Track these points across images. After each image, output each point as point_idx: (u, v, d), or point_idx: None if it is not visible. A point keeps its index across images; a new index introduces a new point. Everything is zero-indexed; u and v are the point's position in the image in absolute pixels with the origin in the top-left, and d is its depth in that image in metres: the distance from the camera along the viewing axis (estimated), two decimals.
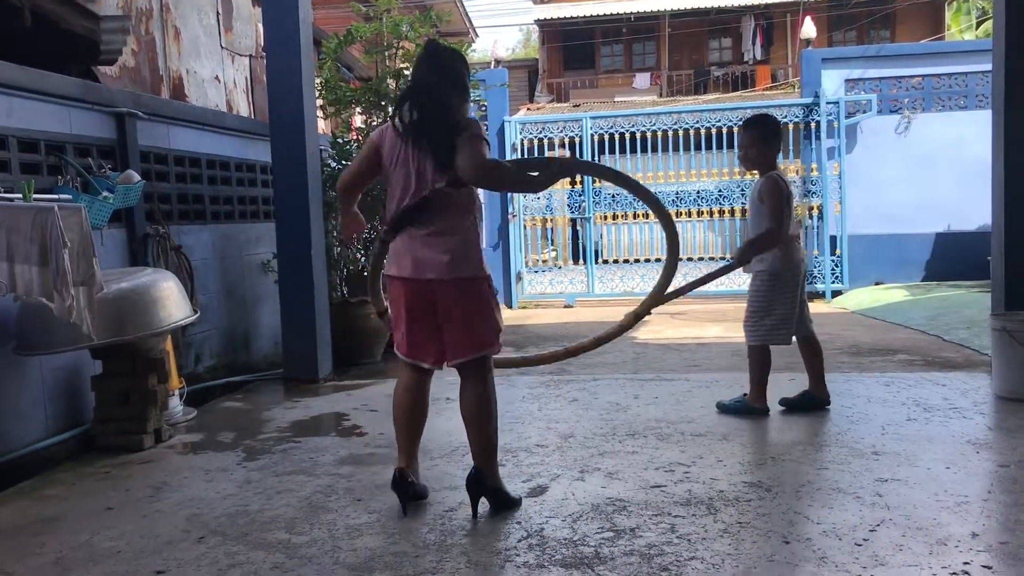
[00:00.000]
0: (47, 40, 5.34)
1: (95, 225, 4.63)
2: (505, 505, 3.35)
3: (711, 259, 11.36)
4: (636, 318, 4.08)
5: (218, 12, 7.93)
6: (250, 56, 8.48)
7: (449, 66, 3.37)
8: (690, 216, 11.38)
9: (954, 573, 2.63)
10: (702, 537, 3.00)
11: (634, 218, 11.59)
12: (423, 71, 3.36)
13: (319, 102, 7.38)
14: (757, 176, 4.87)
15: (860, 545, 2.87)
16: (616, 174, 4.18)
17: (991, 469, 3.70)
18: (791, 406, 4.85)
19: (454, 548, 2.99)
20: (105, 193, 4.74)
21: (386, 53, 7.76)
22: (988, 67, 6.10)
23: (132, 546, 3.14)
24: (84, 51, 5.69)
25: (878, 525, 3.04)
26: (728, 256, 4.94)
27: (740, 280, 10.09)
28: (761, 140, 4.80)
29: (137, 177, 5.03)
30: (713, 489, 3.51)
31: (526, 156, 11.53)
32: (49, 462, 4.31)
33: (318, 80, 7.42)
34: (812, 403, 4.84)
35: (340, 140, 7.45)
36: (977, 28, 18.87)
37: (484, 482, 3.28)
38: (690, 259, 11.37)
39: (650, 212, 11.12)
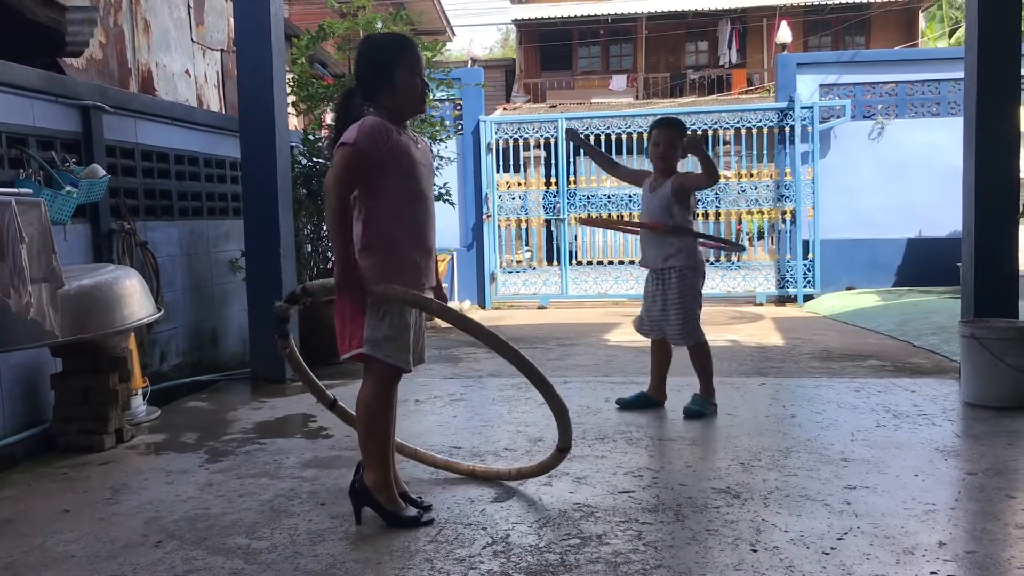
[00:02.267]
0: (10, 30, 5.22)
1: (58, 220, 4.53)
2: (386, 520, 3.20)
3: None
4: (561, 453, 3.66)
5: (189, 5, 7.82)
6: (222, 50, 8.37)
7: (362, 58, 3.27)
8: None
9: None
10: (669, 544, 2.97)
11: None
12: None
13: (291, 98, 7.30)
14: (657, 176, 4.96)
15: (827, 554, 2.85)
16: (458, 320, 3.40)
17: (959, 477, 3.70)
18: (626, 405, 5.05)
19: (418, 555, 2.93)
20: (68, 188, 4.64)
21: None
22: (961, 74, 6.14)
23: (87, 550, 3.06)
24: (49, 42, 5.57)
25: (846, 533, 3.02)
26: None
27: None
28: (680, 142, 4.89)
29: (102, 172, 4.92)
30: (682, 495, 3.48)
31: (500, 155, 11.50)
32: (6, 462, 4.20)
33: (290, 76, 7.34)
34: (648, 403, 5.05)
35: (311, 137, 7.37)
36: (950, 36, 19.06)
37: (358, 488, 3.22)
38: None
39: (624, 214, 11.18)
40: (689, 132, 5.03)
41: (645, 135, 10.95)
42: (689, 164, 5.70)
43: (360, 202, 3.15)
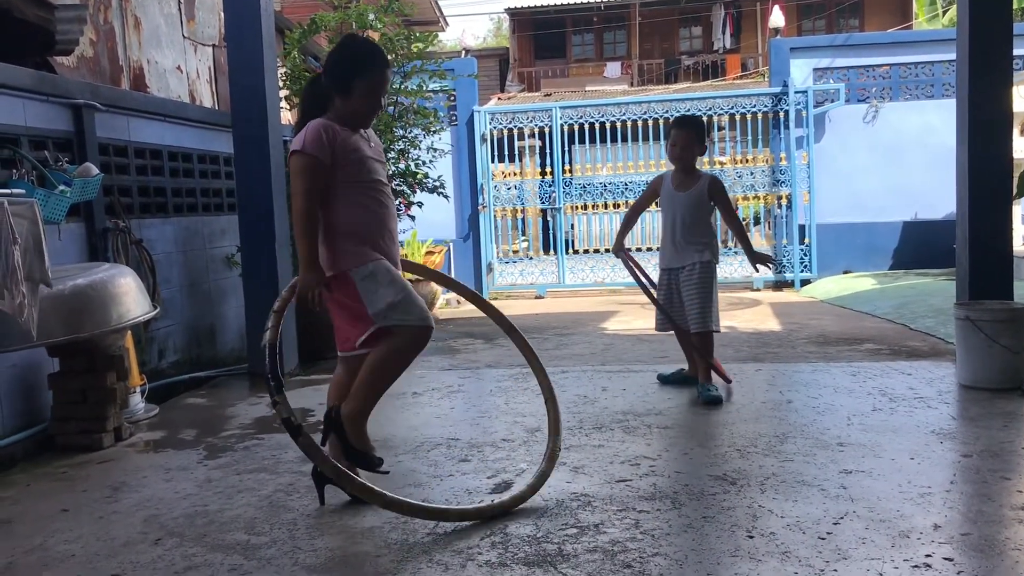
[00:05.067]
0: None
1: (52, 220, 4.53)
2: (347, 455, 3.29)
3: None
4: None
5: (179, 1, 7.79)
6: (213, 46, 8.34)
7: (335, 54, 3.34)
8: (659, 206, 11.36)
9: (916, 566, 2.63)
10: (666, 532, 2.98)
11: (604, 208, 11.58)
12: None
13: (284, 92, 7.28)
14: (677, 175, 5.16)
15: (823, 539, 2.86)
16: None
17: (954, 459, 3.71)
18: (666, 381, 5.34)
19: (416, 547, 2.95)
20: (62, 187, 4.63)
21: None
22: (954, 56, 6.12)
23: (87, 549, 3.07)
24: (39, 41, 5.55)
25: (842, 518, 3.03)
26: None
27: None
28: (697, 140, 5.06)
29: (95, 170, 4.92)
30: (678, 483, 3.50)
31: (495, 146, 11.48)
32: (5, 462, 4.21)
33: (282, 70, 7.32)
34: (687, 380, 5.25)
35: None
36: (943, 17, 19.00)
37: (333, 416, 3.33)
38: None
39: (620, 202, 11.19)
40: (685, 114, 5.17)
41: (640, 122, 11.05)
42: (707, 155, 5.73)
43: (323, 197, 3.25)
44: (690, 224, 5.06)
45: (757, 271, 5.41)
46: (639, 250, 11.58)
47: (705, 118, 11.06)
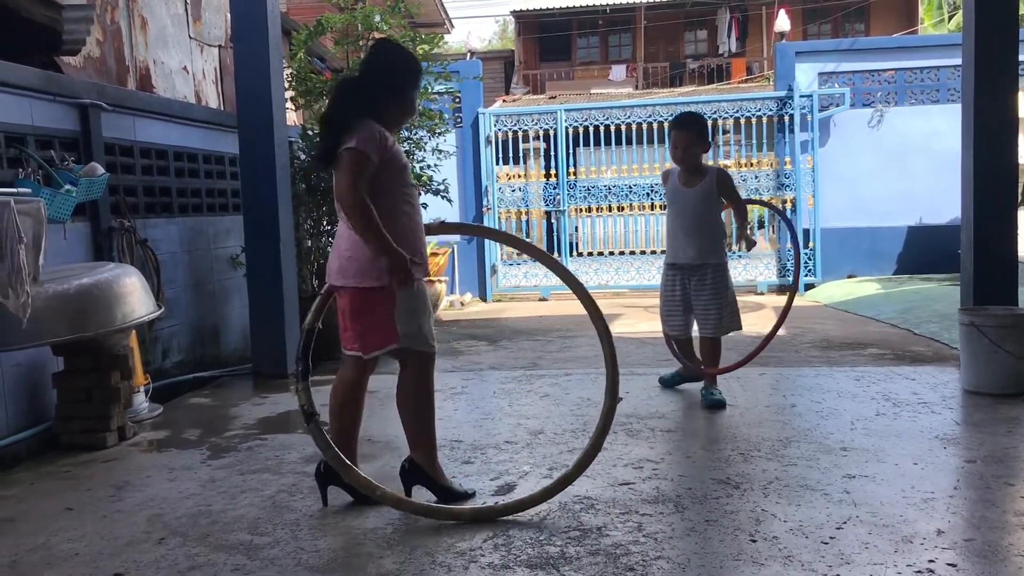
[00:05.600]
0: (7, 29, 5.22)
1: (58, 219, 4.55)
2: (438, 494, 3.39)
3: None
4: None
5: (186, 1, 7.80)
6: (220, 46, 8.36)
7: (382, 61, 3.40)
8: (664, 209, 11.37)
9: (919, 572, 2.63)
10: (669, 536, 2.98)
11: (609, 211, 11.58)
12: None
13: (289, 93, 7.29)
14: (681, 173, 5.06)
15: (826, 543, 2.86)
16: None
17: (958, 465, 3.71)
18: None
19: (418, 548, 2.95)
20: (68, 186, 4.64)
21: (360, 43, 7.67)
22: (959, 61, 6.12)
23: (90, 548, 3.08)
24: (46, 41, 5.57)
25: (845, 522, 3.03)
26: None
27: None
28: (699, 139, 4.96)
29: (101, 170, 4.93)
30: (681, 486, 3.50)
31: (500, 148, 11.49)
32: (9, 460, 4.22)
33: (288, 71, 7.33)
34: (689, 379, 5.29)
35: (310, 132, 7.36)
36: (949, 21, 18.99)
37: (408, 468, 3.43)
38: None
39: (625, 205, 11.19)
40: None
41: (645, 125, 11.05)
42: (711, 156, 5.74)
43: None
44: (699, 221, 4.96)
45: (740, 248, 5.36)
46: (643, 252, 11.59)
47: (710, 121, 11.03)
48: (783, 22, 14.14)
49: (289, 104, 7.21)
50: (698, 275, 4.96)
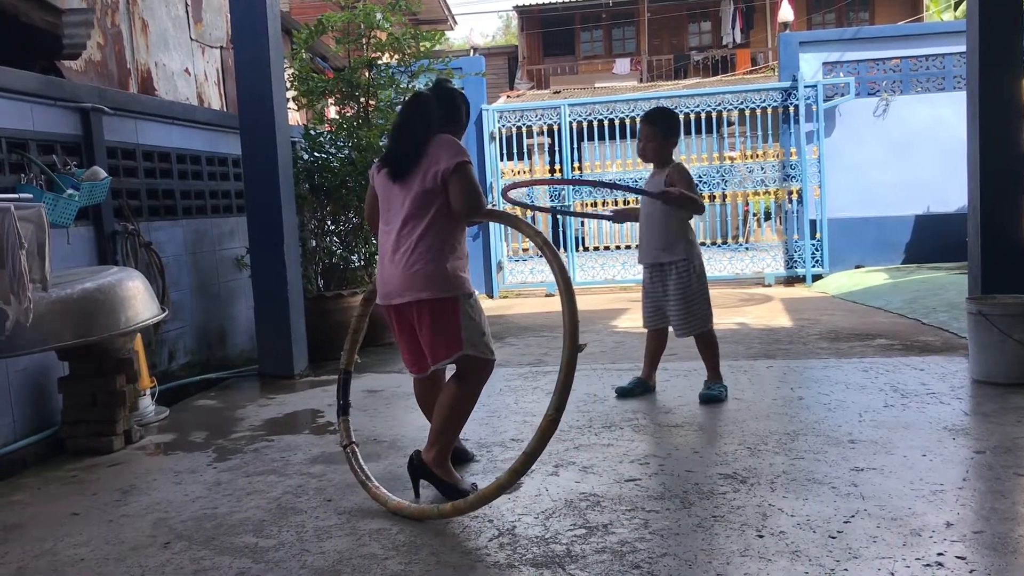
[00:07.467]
0: (6, 35, 5.22)
1: (61, 224, 4.55)
2: (444, 492, 3.37)
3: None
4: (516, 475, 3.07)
5: (187, 3, 7.80)
6: (221, 48, 8.36)
7: (456, 100, 3.64)
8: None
9: (928, 565, 2.60)
10: (675, 532, 2.96)
11: (614, 205, 11.54)
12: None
13: (291, 93, 7.28)
14: (652, 168, 5.02)
15: (834, 537, 2.84)
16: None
17: (967, 456, 3.68)
18: (625, 394, 5.05)
19: (424, 549, 2.94)
20: (70, 191, 4.65)
21: (362, 41, 7.66)
22: (964, 48, 6.07)
23: (96, 553, 3.08)
24: (47, 45, 5.57)
25: (853, 516, 3.01)
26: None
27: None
28: (662, 135, 4.88)
29: (103, 174, 4.93)
30: (688, 482, 3.48)
31: (504, 144, 11.46)
32: (16, 466, 4.23)
33: (290, 71, 7.32)
34: (645, 389, 5.09)
35: (313, 131, 7.36)
36: (955, 9, 18.86)
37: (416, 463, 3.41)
38: None
39: (630, 200, 11.14)
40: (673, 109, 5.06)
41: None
42: (683, 149, 5.68)
43: (438, 214, 3.38)
44: (658, 219, 4.86)
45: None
46: (628, 247, 11.53)
47: (715, 113, 11.01)
48: (787, 12, 14.04)
49: (291, 104, 7.20)
50: (660, 274, 4.91)
